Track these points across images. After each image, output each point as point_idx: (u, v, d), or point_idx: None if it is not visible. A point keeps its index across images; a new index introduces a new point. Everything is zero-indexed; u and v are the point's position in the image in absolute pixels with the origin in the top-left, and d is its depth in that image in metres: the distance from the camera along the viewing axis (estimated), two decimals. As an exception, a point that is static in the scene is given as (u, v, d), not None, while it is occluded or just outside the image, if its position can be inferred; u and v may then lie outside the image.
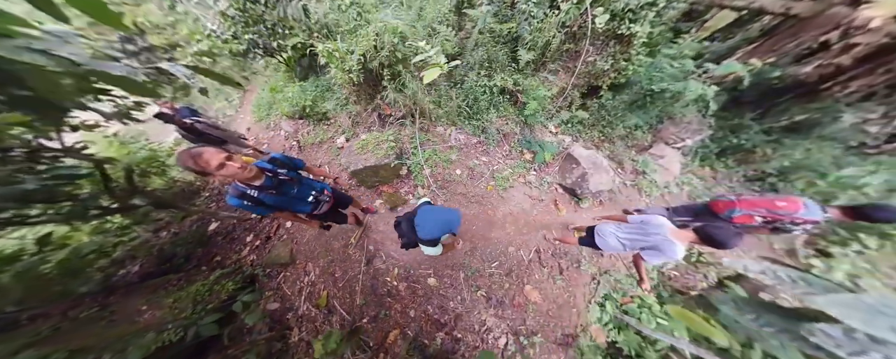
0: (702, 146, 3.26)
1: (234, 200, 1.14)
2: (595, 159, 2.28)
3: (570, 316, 1.82)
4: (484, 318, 1.72)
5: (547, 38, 2.27)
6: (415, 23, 2.36)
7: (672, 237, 1.35)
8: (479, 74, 2.46)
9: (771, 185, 3.21)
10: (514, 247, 1.99)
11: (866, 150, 3.14)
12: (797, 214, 1.51)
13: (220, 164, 0.97)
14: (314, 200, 1.43)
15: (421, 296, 1.82)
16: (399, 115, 2.62)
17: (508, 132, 2.65)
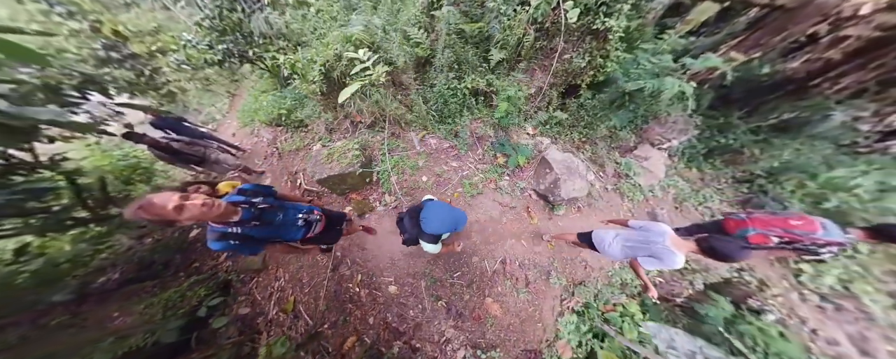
0: (689, 147, 3.18)
1: (217, 244, 1.00)
2: (570, 163, 2.24)
3: (535, 331, 1.81)
4: (443, 329, 1.75)
5: (518, 35, 2.25)
6: (386, 27, 2.37)
7: (673, 247, 1.32)
8: (447, 77, 2.45)
9: (760, 186, 3.13)
10: (478, 257, 2.00)
11: (858, 149, 3.03)
12: (815, 234, 1.44)
13: (177, 206, 0.82)
14: (304, 222, 1.32)
15: (381, 303, 1.86)
16: (369, 122, 2.65)
17: (483, 135, 2.64)
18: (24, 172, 1.53)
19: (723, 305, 2.30)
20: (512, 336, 1.77)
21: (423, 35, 2.39)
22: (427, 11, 2.46)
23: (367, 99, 2.37)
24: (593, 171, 2.66)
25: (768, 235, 1.55)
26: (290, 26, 2.55)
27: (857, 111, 2.53)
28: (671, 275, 2.55)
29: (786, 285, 2.90)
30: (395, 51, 2.33)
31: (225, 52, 2.85)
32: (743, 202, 3.26)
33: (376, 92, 2.45)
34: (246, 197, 1.15)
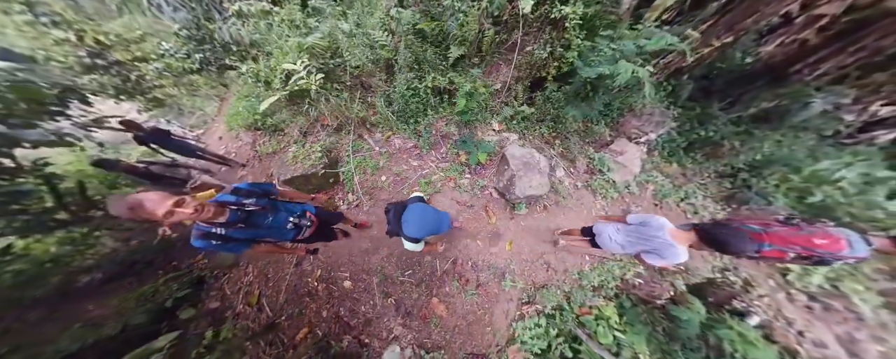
0: (668, 140, 3.11)
1: (200, 241, 1.02)
2: (529, 159, 2.23)
3: (483, 334, 1.84)
4: (392, 326, 1.83)
5: (475, 31, 2.28)
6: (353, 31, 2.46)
7: (673, 240, 1.31)
8: (407, 77, 2.52)
9: (744, 181, 3.05)
10: (430, 256, 2.06)
11: (843, 140, 2.90)
12: (841, 253, 1.34)
13: (167, 212, 0.83)
14: (294, 226, 1.31)
15: (336, 297, 1.96)
16: (335, 125, 2.75)
17: (446, 134, 2.70)
18: (5, 177, 1.70)
19: (698, 308, 2.23)
20: (457, 338, 1.81)
21: (388, 37, 2.47)
22: (390, 14, 2.53)
23: (328, 103, 2.46)
24: (563, 166, 2.64)
25: (786, 251, 1.42)
26: (252, 37, 2.68)
27: (838, 98, 2.43)
28: (650, 276, 2.50)
29: (772, 285, 2.82)
30: (359, 55, 2.41)
31: (202, 60, 3.01)
32: (727, 198, 3.18)
33: (338, 96, 2.55)
34: (238, 197, 1.13)
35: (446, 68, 2.54)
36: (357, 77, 2.80)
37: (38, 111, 1.95)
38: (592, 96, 2.31)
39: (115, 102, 3.49)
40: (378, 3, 2.55)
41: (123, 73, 3.43)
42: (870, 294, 2.67)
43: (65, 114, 2.08)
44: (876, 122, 2.80)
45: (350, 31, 2.77)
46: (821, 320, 2.69)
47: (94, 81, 3.23)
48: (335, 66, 2.52)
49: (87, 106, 2.40)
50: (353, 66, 2.52)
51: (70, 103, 2.18)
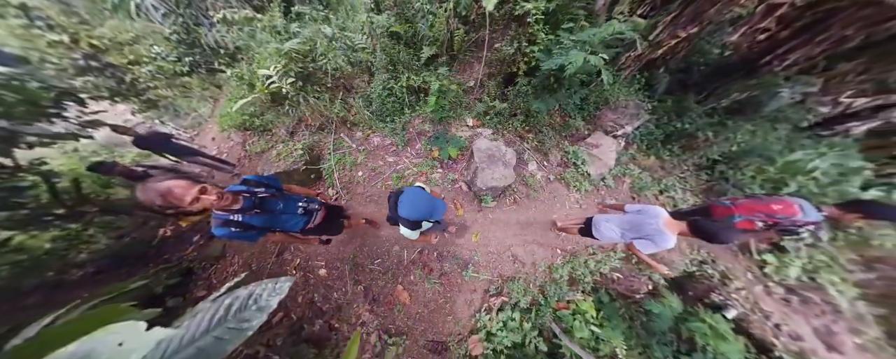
0: (646, 133, 3.20)
1: (220, 230, 1.08)
2: (494, 152, 2.34)
3: (444, 323, 1.94)
4: (360, 312, 1.96)
5: (443, 31, 2.41)
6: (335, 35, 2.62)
7: (665, 228, 1.42)
8: (383, 78, 2.66)
9: (721, 173, 3.11)
10: (399, 246, 2.19)
11: (820, 132, 2.94)
12: (795, 217, 1.54)
13: (193, 199, 0.91)
14: (304, 211, 1.39)
15: (311, 285, 2.10)
16: (317, 124, 2.91)
17: (422, 131, 2.83)
18: (5, 175, 1.89)
19: (671, 301, 2.28)
20: (419, 325, 1.93)
21: (367, 40, 2.61)
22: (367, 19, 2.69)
23: (308, 104, 2.62)
24: (536, 160, 2.74)
25: (753, 220, 1.64)
26: (237, 43, 2.86)
27: (805, 87, 2.50)
28: (629, 270, 2.57)
29: (750, 278, 2.87)
30: (333, 58, 2.56)
31: (192, 63, 3.21)
32: (705, 190, 3.24)
33: (319, 97, 2.71)
34: (248, 187, 1.21)
35: (419, 68, 2.67)
36: (338, 79, 2.96)
37: (36, 113, 2.14)
38: (558, 89, 2.40)
39: (110, 103, 3.66)
40: (358, 8, 2.71)
41: (117, 75, 3.62)
42: (846, 286, 2.70)
43: (61, 115, 2.27)
44: (851, 114, 2.86)
45: (332, 35, 2.95)
46: (798, 313, 2.73)
47: (89, 83, 3.42)
48: (315, 70, 2.68)
49: (83, 107, 2.60)
50: (333, 69, 2.68)
51: (67, 105, 2.38)
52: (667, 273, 1.60)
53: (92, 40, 3.43)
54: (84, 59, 3.37)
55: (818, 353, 2.48)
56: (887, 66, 2.38)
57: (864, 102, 2.71)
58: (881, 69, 2.42)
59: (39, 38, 3.22)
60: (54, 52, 3.29)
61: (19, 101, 2.01)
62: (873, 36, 2.27)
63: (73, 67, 3.35)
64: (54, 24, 3.28)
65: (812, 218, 1.52)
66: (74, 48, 3.35)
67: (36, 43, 3.24)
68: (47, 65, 3.24)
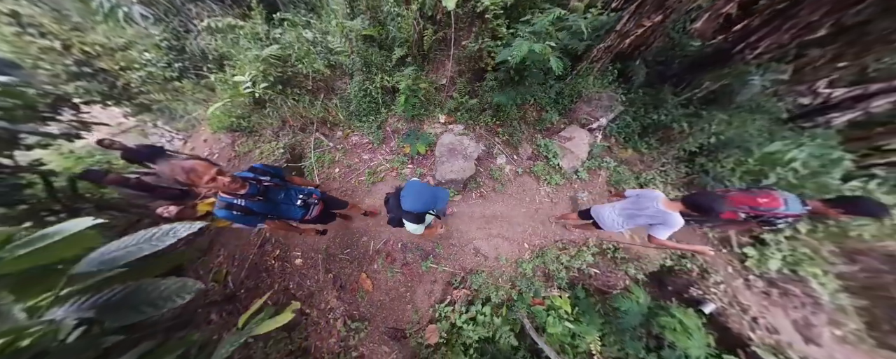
0: (623, 125, 3.29)
1: (223, 212, 1.19)
2: (455, 145, 2.50)
3: (404, 311, 2.11)
4: (329, 298, 2.16)
5: (412, 31, 2.58)
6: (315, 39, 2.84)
7: (665, 207, 1.53)
8: (358, 80, 2.86)
9: (701, 165, 3.18)
10: (367, 237, 2.38)
11: (802, 123, 2.99)
12: (778, 210, 1.63)
13: (211, 178, 1.06)
14: (303, 203, 1.51)
15: (288, 273, 2.31)
16: (299, 125, 3.13)
17: (397, 129, 3.02)
18: (4, 175, 2.16)
19: (638, 297, 2.30)
20: (381, 313, 2.11)
21: (345, 44, 2.82)
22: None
23: (287, 106, 2.85)
24: (506, 154, 2.87)
25: (736, 211, 1.75)
26: (220, 50, 3.11)
27: (775, 75, 2.56)
28: (606, 266, 2.66)
29: (730, 272, 2.94)
30: (308, 62, 2.78)
31: (181, 69, 3.48)
32: (686, 184, 3.32)
33: (299, 99, 2.94)
34: (255, 175, 1.33)
35: (392, 69, 2.86)
36: (319, 81, 3.19)
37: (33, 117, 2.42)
38: (520, 82, 2.52)
39: (102, 107, 3.91)
40: (337, 13, 2.93)
41: (109, 79, 3.84)
42: (827, 278, 2.75)
43: (56, 119, 2.54)
44: (832, 105, 2.90)
45: (313, 40, 3.18)
46: (778, 306, 2.79)
47: (81, 88, 3.65)
48: (294, 73, 2.91)
49: (76, 111, 2.87)
50: (314, 71, 2.90)
51: (61, 110, 2.65)
52: (709, 253, 1.60)
53: (84, 46, 3.64)
54: (76, 65, 3.56)
55: (794, 346, 2.55)
56: (860, 52, 2.44)
57: (843, 93, 2.76)
58: (854, 55, 2.48)
59: (31, 44, 3.40)
60: (47, 58, 3.48)
61: (17, 106, 2.28)
62: (843, 20, 2.34)
63: (66, 73, 3.56)
64: (46, 31, 3.44)
65: (793, 211, 1.60)
66: (66, 54, 3.55)
67: (28, 49, 3.42)
68: (40, 71, 3.45)
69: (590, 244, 2.61)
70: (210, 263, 2.63)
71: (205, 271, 2.57)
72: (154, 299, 0.91)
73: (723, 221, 1.94)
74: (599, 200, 2.94)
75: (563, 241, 2.58)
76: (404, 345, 1.98)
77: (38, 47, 3.41)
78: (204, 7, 3.62)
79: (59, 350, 0.83)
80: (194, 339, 1.33)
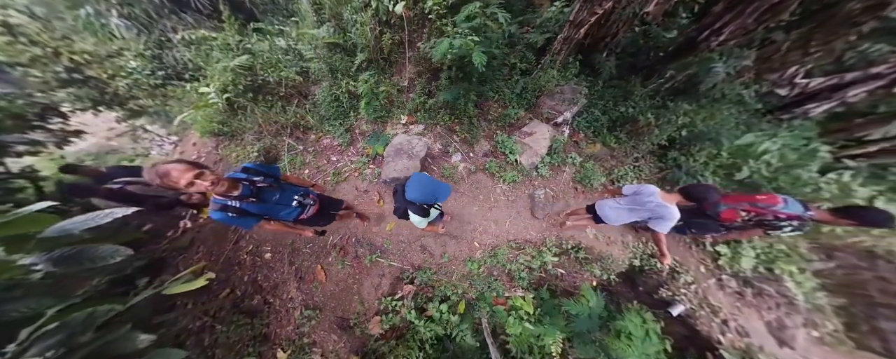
0: (592, 119, 3.44)
1: (217, 214, 1.22)
2: (403, 145, 2.78)
3: (351, 302, 2.43)
4: (290, 289, 2.53)
5: (368, 36, 2.93)
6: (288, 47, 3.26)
7: (663, 200, 1.69)
8: (325, 85, 3.25)
9: (674, 160, 3.30)
10: (328, 232, 2.72)
11: (781, 116, 3.04)
12: (776, 207, 1.67)
13: (188, 182, 1.03)
14: (299, 203, 1.56)
15: (257, 266, 2.71)
16: (274, 129, 3.57)
17: (364, 131, 3.38)
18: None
19: (589, 300, 2.35)
20: (331, 302, 2.45)
21: (314, 51, 3.23)
22: (309, 32, 3.30)
23: (260, 112, 3.29)
24: (462, 151, 3.12)
25: (736, 209, 1.81)
26: (194, 61, 3.61)
27: (739, 61, 2.64)
28: (571, 266, 2.80)
29: (702, 271, 3.06)
30: (290, 68, 3.20)
31: (165, 77, 4.02)
32: (660, 179, 3.45)
33: (272, 106, 3.38)
34: (248, 175, 1.35)
35: (355, 74, 3.23)
36: (292, 87, 3.62)
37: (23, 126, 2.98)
38: (463, 78, 2.73)
39: (94, 112, 4.38)
40: (306, 22, 3.35)
41: (100, 86, 4.29)
42: (804, 276, 2.82)
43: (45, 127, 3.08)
44: (809, 96, 2.96)
45: (286, 48, 3.62)
46: (752, 307, 2.89)
47: (72, 94, 4.03)
48: (265, 82, 3.35)
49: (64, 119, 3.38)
50: (285, 79, 3.33)
51: (49, 119, 3.18)
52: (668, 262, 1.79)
53: (73, 55, 4.03)
54: (66, 72, 3.94)
55: (766, 349, 2.65)
56: (829, 35, 2.50)
57: (819, 83, 2.83)
58: (823, 40, 2.55)
59: (23, 52, 3.70)
60: (38, 66, 3.85)
61: (6, 115, 2.84)
62: (808, 5, 2.43)
63: (56, 80, 3.95)
64: (35, 40, 3.78)
65: (793, 211, 1.63)
66: (56, 62, 3.92)
67: (19, 57, 3.72)
68: (30, 78, 3.82)
69: (548, 244, 2.76)
70: (189, 259, 3.08)
71: (185, 267, 3.03)
72: (93, 257, 1.34)
73: (726, 227, 1.96)
74: (562, 197, 3.12)
75: (517, 240, 2.78)
76: (352, 335, 2.31)
77: (29, 55, 3.74)
78: (180, 20, 4.16)
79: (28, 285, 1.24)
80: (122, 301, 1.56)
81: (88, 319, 1.17)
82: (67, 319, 1.14)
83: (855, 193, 2.49)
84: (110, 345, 1.24)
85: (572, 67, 3.24)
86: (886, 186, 2.58)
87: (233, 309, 2.45)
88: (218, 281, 2.67)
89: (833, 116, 2.90)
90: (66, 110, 4.00)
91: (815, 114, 2.94)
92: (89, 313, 1.18)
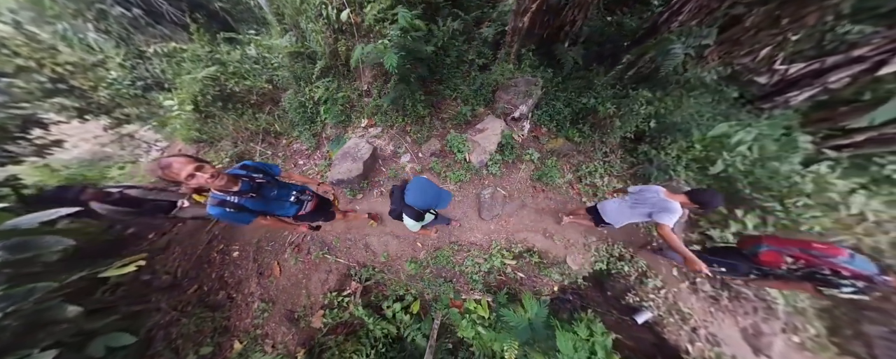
0: (553, 113, 3.53)
1: (215, 209, 1.32)
2: (350, 148, 3.11)
3: (299, 295, 2.78)
4: (251, 284, 2.94)
5: (323, 44, 3.30)
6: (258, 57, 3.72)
7: (667, 197, 1.78)
8: (291, 93, 3.67)
9: (644, 154, 3.36)
10: (288, 232, 3.12)
11: (761, 105, 3.00)
12: (837, 259, 1.51)
13: (188, 175, 1.14)
14: (296, 199, 1.71)
15: (225, 264, 3.16)
16: (246, 135, 4.05)
17: (329, 135, 3.77)
18: None
19: (531, 307, 2.37)
20: (282, 296, 2.82)
21: (279, 60, 3.68)
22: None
23: (231, 119, 3.78)
24: (412, 152, 3.37)
25: (782, 253, 1.67)
26: (165, 73, 4.17)
27: (698, 39, 2.63)
28: (530, 269, 2.92)
29: (675, 275, 3.10)
30: (260, 77, 3.65)
31: (144, 87, 4.64)
32: (632, 176, 3.51)
33: (242, 113, 3.86)
34: (247, 172, 1.48)
35: (315, 81, 3.62)
36: (263, 95, 4.10)
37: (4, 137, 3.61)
38: (400, 80, 2.99)
39: (80, 121, 4.75)
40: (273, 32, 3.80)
41: (85, 96, 4.66)
42: None
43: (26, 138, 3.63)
44: (791, 83, 2.91)
45: (257, 57, 4.11)
46: (727, 312, 2.90)
47: (56, 104, 4.44)
48: (235, 91, 3.83)
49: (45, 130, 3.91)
50: (255, 86, 3.80)
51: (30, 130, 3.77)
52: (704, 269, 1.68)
53: (56, 66, 4.37)
54: (51, 83, 4.30)
55: (738, 358, 2.67)
56: (798, 10, 2.46)
57: (799, 68, 2.81)
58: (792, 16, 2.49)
59: (7, 62, 4.08)
60: (22, 76, 4.20)
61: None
62: None
63: (41, 90, 4.29)
64: (18, 52, 4.15)
65: (861, 269, 1.47)
66: (40, 72, 4.37)
67: (3, 67, 4.05)
68: (15, 89, 4.14)
69: (495, 247, 2.89)
70: (165, 259, 3.59)
71: (161, 267, 3.54)
72: (39, 245, 1.77)
73: (763, 271, 1.83)
74: (517, 196, 3.21)
75: (460, 242, 2.96)
76: (299, 327, 2.66)
77: (13, 65, 4.12)
78: (156, 32, 4.75)
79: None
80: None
81: (29, 292, 1.62)
82: (11, 292, 1.59)
83: (832, 186, 2.48)
84: (44, 313, 1.71)
85: (527, 59, 3.37)
86: (869, 179, 2.53)
87: (199, 303, 2.89)
88: (188, 278, 3.14)
89: (817, 104, 2.86)
90: (50, 121, 4.49)
91: (796, 102, 2.91)
92: (30, 288, 1.63)
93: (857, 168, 2.62)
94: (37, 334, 1.63)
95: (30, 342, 1.59)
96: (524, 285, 2.91)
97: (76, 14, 4.52)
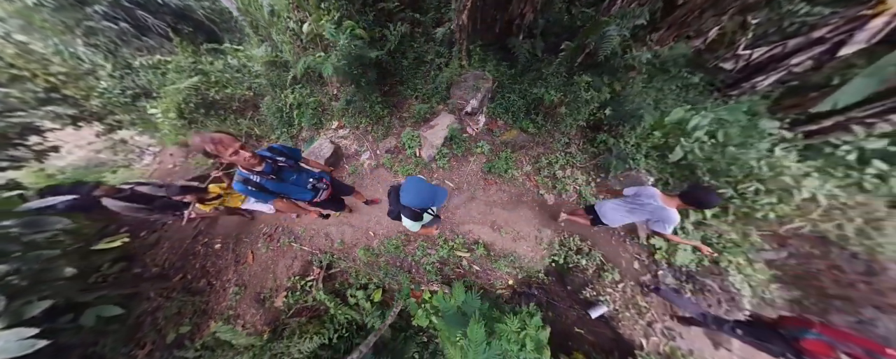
0: (508, 105, 3.82)
1: (239, 185, 1.58)
2: (314, 148, 3.62)
3: (267, 280, 3.29)
4: (230, 272, 3.53)
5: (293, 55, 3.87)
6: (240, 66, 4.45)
7: (663, 203, 1.86)
8: (269, 99, 4.31)
9: (603, 143, 3.54)
10: (263, 224, 3.71)
11: (729, 92, 3.05)
12: None
13: (234, 151, 1.42)
14: (313, 186, 1.94)
15: (209, 255, 3.79)
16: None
17: (305, 138, 4.35)
18: None
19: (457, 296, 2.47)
20: (253, 280, 3.36)
21: (259, 68, 4.35)
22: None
23: (209, 126, 4.49)
24: (371, 150, 3.83)
25: (835, 347, 1.53)
26: (150, 84, 4.97)
27: (632, 20, 2.78)
28: (485, 262, 3.19)
29: (636, 268, 3.24)
30: (241, 85, 4.34)
31: (133, 96, 5.52)
32: (595, 166, 3.68)
33: (225, 119, 4.56)
34: (272, 154, 1.70)
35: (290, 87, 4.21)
36: (245, 101, 4.80)
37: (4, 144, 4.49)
38: (351, 84, 3.47)
39: (74, 128, 5.23)
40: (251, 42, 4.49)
41: (78, 104, 5.17)
42: (754, 269, 2.84)
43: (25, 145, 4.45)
44: (756, 68, 2.95)
45: (238, 66, 4.84)
46: (691, 305, 2.97)
47: (51, 113, 4.90)
48: (217, 98, 4.55)
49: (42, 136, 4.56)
50: (237, 94, 4.50)
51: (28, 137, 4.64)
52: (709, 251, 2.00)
53: (49, 76, 4.85)
54: (45, 92, 4.77)
55: (696, 352, 2.77)
56: None
57: (762, 52, 2.89)
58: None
59: (2, 72, 4.49)
60: (16, 86, 4.64)
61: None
62: None
63: (35, 99, 4.75)
64: (11, 62, 4.58)
65: None
66: (33, 82, 4.73)
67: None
68: (11, 98, 4.59)
69: (441, 238, 3.19)
70: (155, 254, 4.28)
71: (151, 260, 4.25)
72: (44, 223, 2.41)
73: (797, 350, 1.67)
74: (467, 189, 3.50)
75: (406, 232, 3.30)
76: (265, 308, 3.18)
77: (8, 75, 4.59)
78: (143, 44, 5.50)
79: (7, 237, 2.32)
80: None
81: (36, 256, 2.31)
82: (25, 255, 2.28)
83: (787, 169, 2.54)
84: (46, 272, 2.40)
85: (476, 54, 3.73)
86: (823, 161, 2.55)
87: (182, 290, 3.53)
88: (174, 269, 3.81)
89: (789, 90, 2.91)
90: (46, 128, 5.07)
91: (762, 87, 2.98)
92: (38, 254, 2.32)
93: (814, 150, 2.65)
94: (39, 287, 2.29)
95: (34, 291, 2.23)
96: (480, 278, 3.19)
97: (65, 30, 5.24)
